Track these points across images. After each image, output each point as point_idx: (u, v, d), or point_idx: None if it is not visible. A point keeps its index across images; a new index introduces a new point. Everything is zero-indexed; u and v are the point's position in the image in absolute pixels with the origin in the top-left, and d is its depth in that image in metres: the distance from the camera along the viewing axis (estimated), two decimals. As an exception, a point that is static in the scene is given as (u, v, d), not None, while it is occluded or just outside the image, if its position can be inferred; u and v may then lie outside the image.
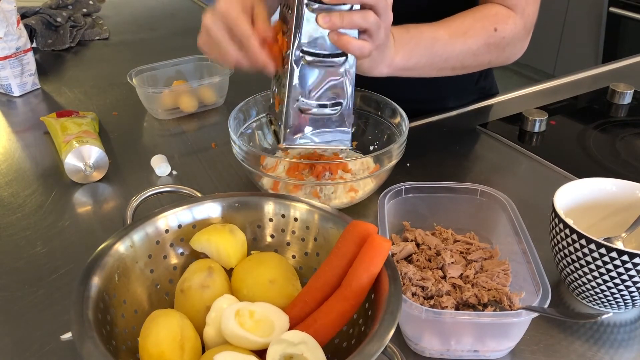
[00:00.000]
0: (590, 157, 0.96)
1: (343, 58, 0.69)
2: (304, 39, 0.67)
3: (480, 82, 1.16)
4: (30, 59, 1.22)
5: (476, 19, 0.85)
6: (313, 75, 0.69)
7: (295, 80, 0.68)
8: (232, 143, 0.82)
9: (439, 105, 1.11)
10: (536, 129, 1.02)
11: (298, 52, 0.67)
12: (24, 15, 1.44)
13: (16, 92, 1.21)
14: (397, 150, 0.80)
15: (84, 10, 1.60)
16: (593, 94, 1.17)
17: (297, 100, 0.69)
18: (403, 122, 0.85)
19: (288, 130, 0.71)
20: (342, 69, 0.69)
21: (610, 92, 1.14)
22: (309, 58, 0.68)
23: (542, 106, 1.10)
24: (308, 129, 0.71)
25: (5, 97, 1.21)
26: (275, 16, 0.78)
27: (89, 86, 1.25)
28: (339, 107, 0.71)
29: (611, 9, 2.85)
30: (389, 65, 0.78)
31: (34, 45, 1.43)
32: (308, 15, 0.65)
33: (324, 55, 0.68)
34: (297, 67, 0.68)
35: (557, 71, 3.26)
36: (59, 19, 1.46)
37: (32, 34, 1.42)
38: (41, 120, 1.04)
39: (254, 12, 0.71)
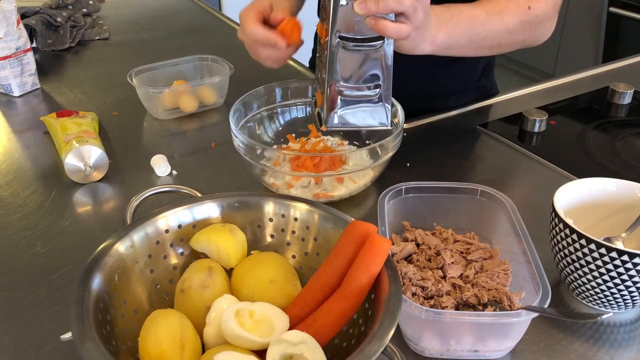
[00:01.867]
0: (590, 157, 0.96)
1: (381, 42, 0.70)
2: (342, 26, 0.69)
3: (481, 81, 1.16)
4: (30, 59, 1.22)
5: None
6: (352, 60, 0.71)
7: (335, 66, 0.71)
8: (233, 136, 0.82)
9: (439, 104, 1.11)
10: (536, 129, 1.02)
11: (336, 39, 0.69)
12: (24, 15, 1.44)
13: (16, 92, 1.21)
14: (392, 142, 0.82)
15: (84, 10, 1.60)
16: (593, 94, 1.17)
17: (338, 85, 0.72)
18: (399, 114, 0.86)
19: (330, 114, 0.74)
20: (380, 52, 0.71)
21: (610, 92, 1.14)
22: (347, 44, 0.70)
23: (542, 106, 1.10)
24: (349, 112, 0.74)
25: (5, 97, 1.21)
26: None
27: (89, 86, 1.25)
28: (378, 89, 0.73)
29: (611, 9, 2.85)
30: (432, 43, 0.79)
31: (34, 45, 1.43)
32: (344, 2, 0.68)
33: (362, 40, 0.70)
34: (336, 52, 0.70)
35: (557, 71, 3.26)
36: (59, 19, 1.46)
37: (32, 34, 1.42)
38: (41, 120, 1.04)
39: (273, 7, 0.83)
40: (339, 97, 0.73)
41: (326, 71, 0.71)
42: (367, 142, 0.94)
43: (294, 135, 0.94)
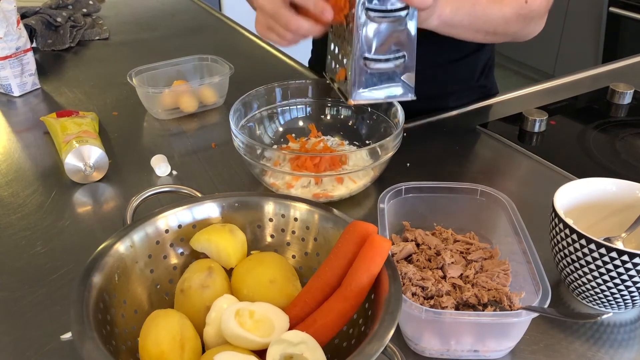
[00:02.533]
0: (590, 157, 0.96)
1: (405, 11, 0.71)
2: None
3: (480, 80, 1.16)
4: (30, 59, 1.22)
5: None
6: (377, 31, 0.71)
7: (361, 37, 0.70)
8: (233, 136, 0.83)
9: (439, 104, 1.11)
10: (536, 129, 1.02)
11: (362, 9, 0.69)
12: (23, 15, 1.44)
13: (16, 92, 1.21)
14: (392, 142, 0.82)
15: (84, 10, 1.60)
16: (593, 94, 1.17)
17: (363, 56, 0.71)
18: (399, 114, 0.87)
19: (355, 86, 0.73)
20: (404, 23, 0.71)
21: (610, 92, 1.14)
22: (372, 14, 0.70)
23: (542, 106, 1.10)
24: (374, 84, 0.73)
25: (5, 97, 1.21)
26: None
27: (89, 86, 1.25)
28: (402, 60, 0.73)
29: (611, 9, 2.85)
30: (439, 16, 0.81)
31: (34, 45, 1.43)
32: None
33: (387, 11, 0.70)
34: (362, 24, 0.70)
35: (557, 71, 3.26)
36: (59, 19, 1.46)
37: (32, 34, 1.42)
38: (41, 120, 1.04)
39: None
40: (365, 69, 0.72)
41: (351, 43, 0.71)
42: (367, 142, 0.94)
43: (294, 135, 0.94)
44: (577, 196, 0.70)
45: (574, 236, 0.62)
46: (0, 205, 0.86)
